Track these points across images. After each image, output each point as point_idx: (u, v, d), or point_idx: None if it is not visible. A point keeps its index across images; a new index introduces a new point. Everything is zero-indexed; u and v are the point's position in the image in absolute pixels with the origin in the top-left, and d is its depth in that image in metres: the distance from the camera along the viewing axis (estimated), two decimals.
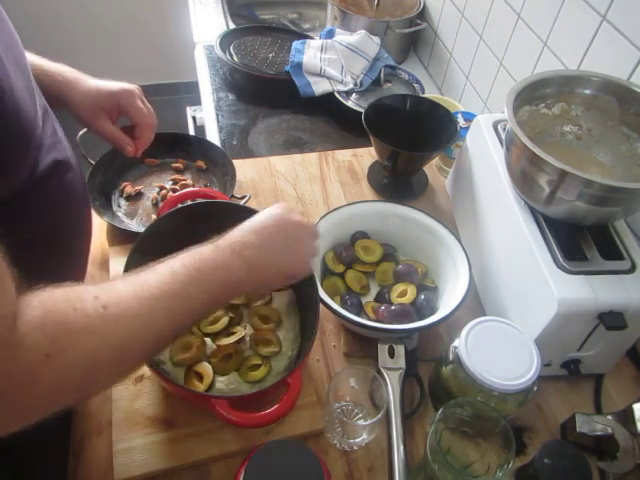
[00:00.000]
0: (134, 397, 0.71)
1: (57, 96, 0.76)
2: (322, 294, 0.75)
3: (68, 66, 0.78)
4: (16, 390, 0.40)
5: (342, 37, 1.39)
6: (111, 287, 0.48)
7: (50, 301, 0.43)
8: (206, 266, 0.54)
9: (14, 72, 0.52)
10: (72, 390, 0.44)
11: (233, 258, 0.56)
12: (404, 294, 0.84)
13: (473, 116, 1.05)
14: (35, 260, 0.65)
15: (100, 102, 0.77)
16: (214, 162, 1.07)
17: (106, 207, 0.96)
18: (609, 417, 0.68)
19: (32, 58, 0.75)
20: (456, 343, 0.69)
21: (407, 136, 1.02)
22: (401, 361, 0.76)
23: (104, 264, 0.87)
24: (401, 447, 0.69)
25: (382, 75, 1.37)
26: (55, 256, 0.68)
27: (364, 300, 0.85)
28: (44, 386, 0.41)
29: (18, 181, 0.56)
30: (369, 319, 0.80)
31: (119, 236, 0.91)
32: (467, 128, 0.98)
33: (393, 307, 0.80)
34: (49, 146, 0.62)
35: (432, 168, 1.15)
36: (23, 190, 0.58)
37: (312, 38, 1.45)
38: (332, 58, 1.37)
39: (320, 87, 1.33)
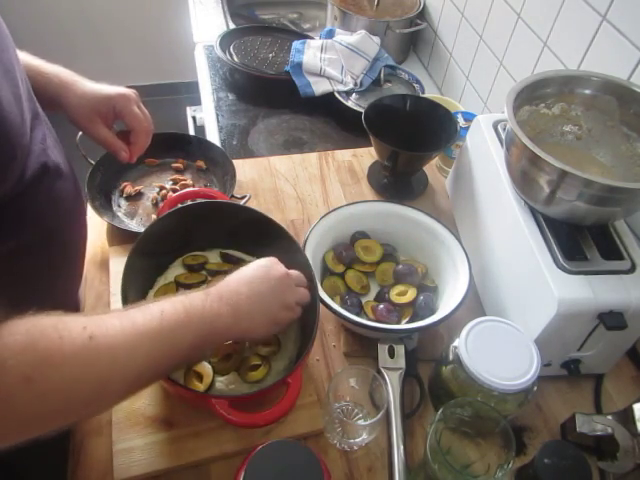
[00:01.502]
0: (134, 397, 0.70)
1: (53, 98, 0.75)
2: (322, 294, 0.75)
3: (66, 67, 0.78)
4: None
5: (342, 37, 1.39)
6: (100, 319, 0.49)
7: (37, 327, 0.43)
8: (194, 311, 0.55)
9: (1, 81, 0.52)
10: (47, 418, 0.44)
11: (221, 305, 0.57)
12: (404, 294, 0.84)
13: (473, 116, 1.05)
14: (29, 265, 0.65)
15: (96, 106, 0.77)
16: (214, 162, 1.07)
17: (106, 207, 0.96)
18: (609, 417, 0.68)
19: (28, 59, 0.74)
20: (456, 343, 0.69)
21: (407, 136, 1.02)
22: (401, 361, 0.76)
23: (104, 264, 0.87)
24: (401, 447, 0.69)
25: (382, 75, 1.37)
26: (48, 260, 0.68)
27: (364, 300, 0.85)
28: (20, 410, 0.41)
29: (5, 188, 0.55)
30: (369, 319, 0.80)
31: (119, 236, 0.91)
32: (467, 128, 0.98)
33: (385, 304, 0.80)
34: (38, 153, 0.61)
35: (432, 168, 1.15)
36: (10, 197, 0.57)
37: (312, 38, 1.45)
38: (332, 58, 1.37)
39: (320, 87, 1.33)
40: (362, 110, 1.03)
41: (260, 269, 0.64)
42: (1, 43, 0.56)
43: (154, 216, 0.96)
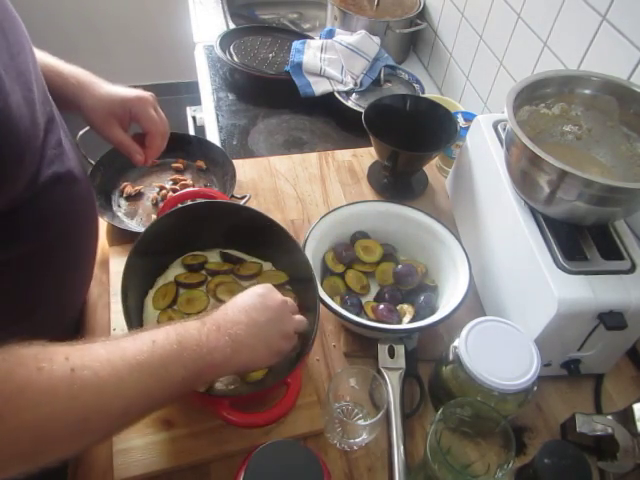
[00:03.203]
0: None
1: (69, 99, 0.75)
2: (322, 294, 0.75)
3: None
4: None
5: (342, 37, 1.39)
6: (86, 349, 0.46)
7: (15, 357, 0.41)
8: (189, 341, 0.52)
9: (12, 85, 0.51)
10: (21, 456, 0.41)
11: (219, 336, 0.54)
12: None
13: (473, 116, 1.05)
14: (43, 266, 0.65)
15: (112, 108, 0.76)
16: (214, 162, 1.07)
17: (106, 207, 0.96)
18: (609, 417, 0.68)
19: (47, 59, 0.74)
20: (456, 343, 0.69)
21: (407, 136, 1.02)
22: (401, 361, 0.76)
23: (104, 264, 0.87)
24: (401, 447, 0.69)
25: (382, 75, 1.37)
26: (62, 261, 0.68)
27: (364, 300, 0.85)
28: None
29: (15, 191, 0.55)
30: (369, 319, 0.80)
31: (119, 236, 0.91)
32: (467, 128, 0.98)
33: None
34: (51, 157, 0.61)
35: (432, 168, 1.15)
36: (24, 200, 0.56)
37: (312, 38, 1.45)
38: (332, 58, 1.37)
39: (320, 87, 1.33)
40: (362, 110, 1.03)
41: (257, 297, 0.61)
42: (17, 45, 0.55)
43: (154, 216, 0.96)
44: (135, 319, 0.70)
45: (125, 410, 0.47)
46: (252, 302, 0.60)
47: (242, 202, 0.94)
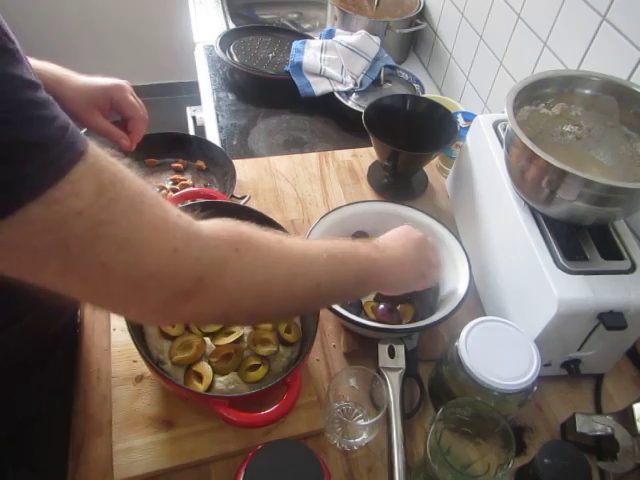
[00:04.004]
0: (134, 397, 0.71)
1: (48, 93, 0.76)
2: None
3: (66, 67, 0.78)
4: (208, 278, 0.43)
5: (342, 37, 1.39)
6: (289, 238, 0.54)
7: (229, 224, 0.48)
8: (360, 247, 0.61)
9: None
10: (253, 296, 0.48)
11: (375, 252, 0.63)
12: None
13: (473, 116, 1.05)
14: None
15: (92, 97, 0.77)
16: (214, 162, 1.07)
17: None
18: (609, 417, 0.68)
19: None
20: (456, 343, 0.69)
21: (407, 136, 1.02)
22: (401, 361, 0.76)
23: None
24: (401, 447, 0.69)
25: (382, 75, 1.37)
26: None
27: (364, 300, 0.85)
28: (233, 278, 0.45)
29: None
30: (369, 319, 0.80)
31: None
32: (467, 128, 0.98)
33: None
34: None
35: (432, 168, 1.15)
36: None
37: (312, 38, 1.45)
38: (332, 58, 1.37)
39: (320, 87, 1.33)
40: (362, 110, 1.03)
41: (402, 231, 0.71)
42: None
43: None
44: None
45: (317, 285, 0.53)
46: (397, 234, 0.70)
47: (242, 202, 0.94)
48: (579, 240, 0.74)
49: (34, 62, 0.75)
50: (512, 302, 0.78)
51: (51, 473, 0.71)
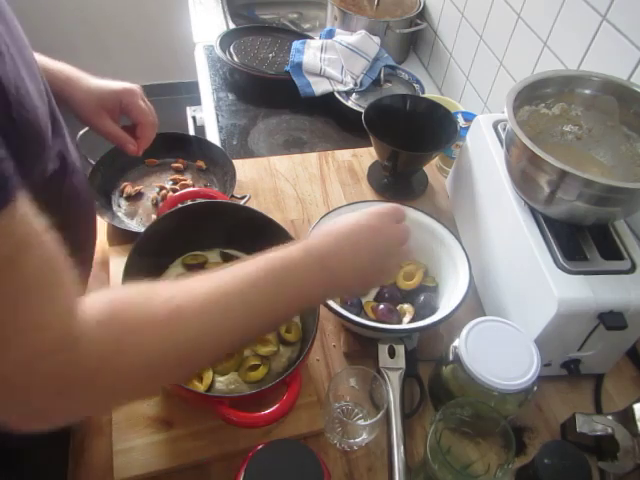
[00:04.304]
0: None
1: (58, 94, 0.75)
2: None
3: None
4: (77, 384, 0.39)
5: (342, 37, 1.39)
6: (186, 285, 0.46)
7: (120, 298, 0.42)
8: (290, 265, 0.51)
9: (26, 75, 0.51)
10: (135, 388, 0.44)
11: (316, 265, 0.53)
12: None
13: (473, 116, 1.05)
14: None
15: (102, 101, 0.77)
16: (214, 162, 1.07)
17: (106, 207, 0.96)
18: (609, 417, 0.68)
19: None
20: (456, 343, 0.69)
21: (407, 136, 1.02)
22: (401, 361, 0.76)
23: (104, 264, 0.87)
24: (401, 447, 0.69)
25: (382, 75, 1.37)
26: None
27: (364, 300, 0.85)
28: (106, 381, 0.40)
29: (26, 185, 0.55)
30: (369, 319, 0.80)
31: (119, 236, 0.91)
32: (467, 128, 0.98)
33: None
34: (56, 149, 0.61)
35: (432, 168, 1.15)
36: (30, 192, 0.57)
37: (312, 38, 1.45)
38: (332, 58, 1.37)
39: (320, 87, 1.33)
40: (362, 110, 1.03)
41: (367, 225, 0.58)
42: (21, 41, 0.55)
43: (154, 216, 0.96)
44: None
45: (231, 335, 0.47)
46: (359, 230, 0.58)
47: (242, 202, 0.94)
48: (579, 240, 0.74)
49: (50, 62, 0.76)
50: (512, 302, 0.78)
51: (51, 473, 0.71)
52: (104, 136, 0.80)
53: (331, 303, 0.75)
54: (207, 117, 1.32)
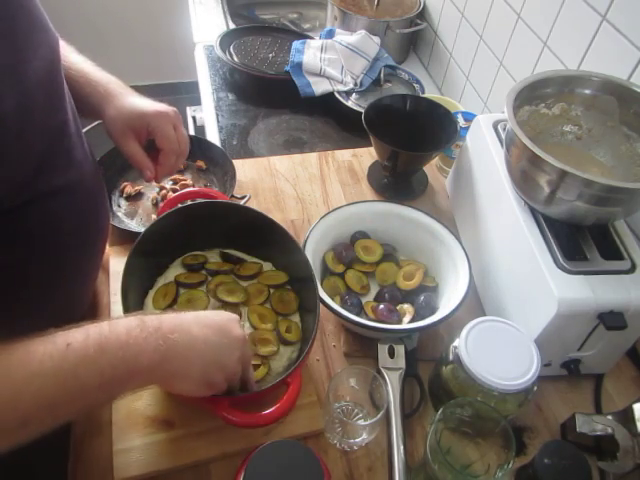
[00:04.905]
0: (134, 397, 0.71)
1: (95, 109, 0.75)
2: (322, 294, 0.75)
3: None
4: None
5: (342, 37, 1.39)
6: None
7: None
8: (112, 344, 0.47)
9: (35, 89, 0.51)
10: None
11: (152, 340, 0.49)
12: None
13: (473, 116, 1.05)
14: (50, 267, 0.64)
15: (130, 121, 0.76)
16: (214, 162, 1.07)
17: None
18: (609, 417, 0.68)
19: (82, 65, 0.77)
20: (456, 343, 0.69)
21: (407, 136, 1.02)
22: (401, 361, 0.76)
23: (104, 264, 0.87)
24: (401, 447, 0.69)
25: (382, 75, 1.37)
26: (72, 264, 0.68)
27: (364, 300, 0.85)
28: None
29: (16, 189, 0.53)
30: (369, 319, 0.80)
31: (119, 236, 0.91)
32: (467, 128, 0.98)
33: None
34: (55, 166, 0.60)
35: (432, 168, 1.15)
36: (17, 208, 0.55)
37: (312, 38, 1.45)
38: (332, 58, 1.37)
39: (320, 87, 1.33)
40: (362, 110, 1.03)
41: (223, 319, 0.58)
42: (27, 50, 0.54)
43: (154, 216, 0.96)
44: None
45: (23, 422, 0.43)
46: (214, 321, 0.57)
47: (242, 202, 0.94)
48: (579, 240, 0.74)
49: (97, 72, 0.76)
50: (512, 302, 0.78)
51: (51, 473, 0.71)
52: (125, 157, 0.79)
53: (331, 303, 0.75)
54: (207, 117, 1.32)
